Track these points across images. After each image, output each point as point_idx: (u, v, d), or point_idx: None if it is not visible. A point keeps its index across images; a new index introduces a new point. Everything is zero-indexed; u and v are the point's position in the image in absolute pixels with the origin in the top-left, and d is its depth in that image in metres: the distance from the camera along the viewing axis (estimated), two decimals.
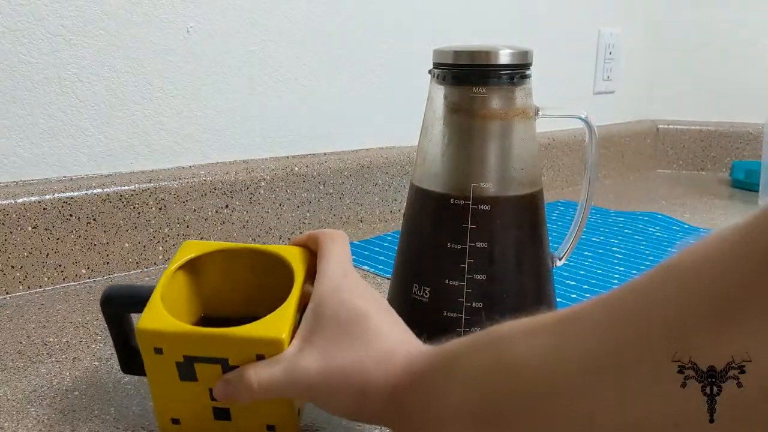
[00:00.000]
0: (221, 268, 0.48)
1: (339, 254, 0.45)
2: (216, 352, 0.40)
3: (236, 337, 0.40)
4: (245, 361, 0.40)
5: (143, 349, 0.41)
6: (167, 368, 0.41)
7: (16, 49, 0.69)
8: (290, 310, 0.42)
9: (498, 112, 0.51)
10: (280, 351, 0.40)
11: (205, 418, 0.43)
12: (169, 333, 0.41)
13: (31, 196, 0.69)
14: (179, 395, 0.42)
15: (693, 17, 1.46)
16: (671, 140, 1.49)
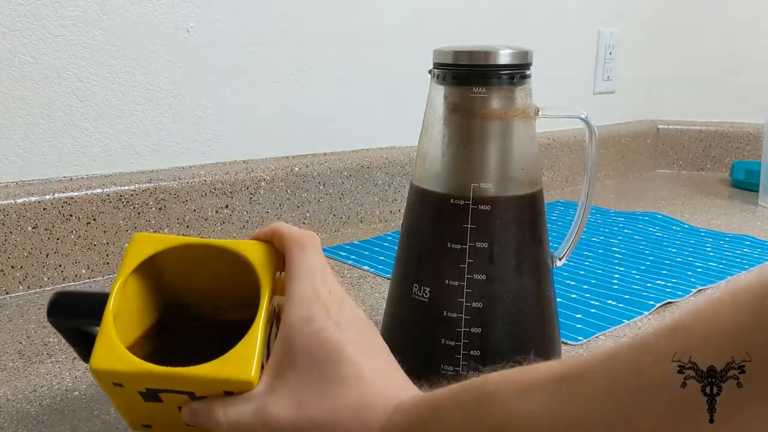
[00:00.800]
0: (180, 262, 0.44)
1: (310, 268, 0.39)
2: (180, 386, 0.38)
3: (201, 378, 0.38)
4: (213, 394, 0.38)
5: (101, 383, 0.39)
6: (130, 396, 0.39)
7: (16, 49, 0.69)
8: (256, 339, 0.38)
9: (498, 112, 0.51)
10: (249, 389, 0.38)
11: (176, 425, 0.41)
12: (126, 373, 0.38)
13: (31, 196, 0.69)
14: (146, 412, 0.41)
15: (693, 17, 1.46)
16: (671, 140, 1.49)
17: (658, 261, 0.84)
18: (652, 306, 0.69)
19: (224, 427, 0.37)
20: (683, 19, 1.46)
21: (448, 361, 0.50)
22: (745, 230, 1.00)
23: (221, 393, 0.38)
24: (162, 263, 0.43)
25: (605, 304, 0.70)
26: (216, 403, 0.38)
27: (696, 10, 1.45)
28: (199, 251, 0.43)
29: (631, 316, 0.67)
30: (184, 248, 0.43)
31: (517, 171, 0.52)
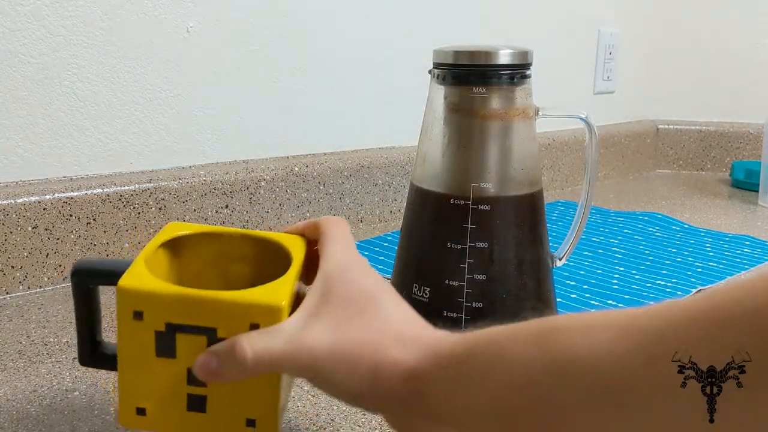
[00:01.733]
0: (207, 252, 0.44)
1: (343, 237, 0.41)
2: (204, 319, 0.36)
3: (229, 302, 0.36)
4: (236, 332, 0.36)
5: (121, 313, 0.37)
6: (144, 339, 0.37)
7: (16, 49, 0.69)
8: (290, 282, 0.38)
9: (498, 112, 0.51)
10: (278, 321, 0.36)
11: (176, 407, 0.38)
12: (154, 293, 0.36)
13: (31, 196, 0.69)
14: (151, 376, 0.38)
15: (693, 17, 1.46)
16: (671, 140, 1.49)
17: (658, 261, 0.84)
18: None
19: (249, 358, 0.34)
20: (683, 19, 1.46)
21: None
22: (745, 230, 1.00)
23: (246, 328, 0.36)
24: (188, 251, 0.44)
25: (605, 304, 0.70)
26: (241, 337, 0.35)
27: (696, 10, 1.45)
28: (226, 241, 0.44)
29: None
30: (209, 237, 0.43)
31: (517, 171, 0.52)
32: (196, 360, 0.36)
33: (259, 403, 0.38)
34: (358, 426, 0.47)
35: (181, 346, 0.37)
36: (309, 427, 0.46)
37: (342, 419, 0.47)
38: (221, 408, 0.38)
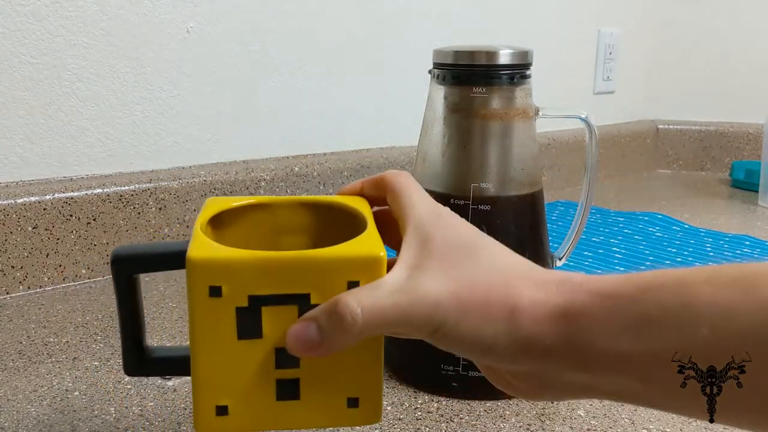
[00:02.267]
0: (257, 226, 0.39)
1: (419, 187, 0.36)
2: (294, 284, 0.31)
3: (322, 259, 0.31)
4: (332, 294, 0.31)
5: (194, 292, 0.32)
6: (223, 321, 0.32)
7: (16, 50, 0.69)
8: (376, 235, 0.34)
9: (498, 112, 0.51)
10: (380, 275, 0.31)
11: (264, 399, 0.33)
12: (234, 261, 0.31)
13: (31, 196, 0.69)
14: (233, 365, 0.33)
15: (693, 17, 1.46)
16: (671, 140, 1.49)
17: (658, 261, 0.84)
18: None
19: (359, 320, 0.29)
20: (683, 19, 1.46)
21: (448, 361, 0.50)
22: (745, 230, 1.00)
23: (344, 287, 0.32)
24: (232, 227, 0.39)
25: None
26: (343, 296, 0.30)
27: (696, 10, 1.45)
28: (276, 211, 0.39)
29: None
30: (257, 207, 0.39)
31: (517, 171, 0.52)
32: (288, 332, 0.31)
33: (361, 378, 0.34)
34: (358, 426, 0.47)
35: (268, 323, 0.32)
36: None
37: None
38: (318, 390, 0.33)
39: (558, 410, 0.49)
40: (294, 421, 0.34)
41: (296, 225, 0.39)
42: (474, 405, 0.50)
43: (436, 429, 0.47)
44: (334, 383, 0.33)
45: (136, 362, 0.37)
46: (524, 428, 0.47)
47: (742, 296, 0.26)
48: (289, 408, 0.33)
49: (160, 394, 0.50)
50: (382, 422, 0.47)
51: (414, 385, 0.52)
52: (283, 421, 0.34)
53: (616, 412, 0.49)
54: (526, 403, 0.50)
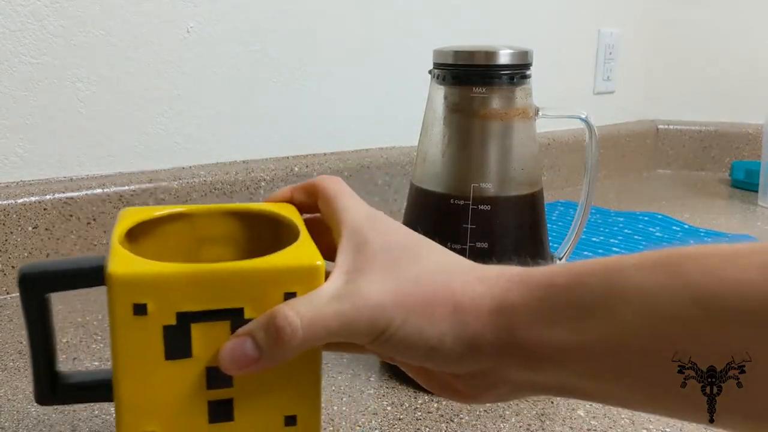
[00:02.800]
0: (177, 237, 0.37)
1: (353, 193, 0.35)
2: (226, 299, 0.30)
3: (256, 271, 0.30)
4: (266, 307, 0.29)
5: (117, 311, 0.29)
6: (149, 341, 0.30)
7: (16, 50, 0.69)
8: (311, 242, 0.32)
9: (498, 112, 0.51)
10: (317, 285, 0.30)
11: (195, 424, 0.31)
12: (159, 276, 0.29)
13: (31, 196, 0.69)
14: (160, 388, 0.30)
15: (693, 17, 1.46)
16: (671, 140, 1.49)
17: None
18: None
19: (298, 332, 0.28)
20: (683, 19, 1.46)
21: None
22: (745, 230, 1.00)
23: (280, 299, 0.30)
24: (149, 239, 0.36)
25: None
26: (280, 307, 0.29)
27: (696, 10, 1.45)
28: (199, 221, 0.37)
29: None
30: (176, 218, 0.36)
31: (517, 171, 0.52)
32: (222, 350, 0.29)
33: (298, 394, 0.32)
34: (358, 426, 0.47)
35: (199, 341, 0.30)
36: None
37: (342, 419, 0.47)
38: (253, 410, 0.32)
39: (558, 410, 0.49)
40: None
41: (219, 235, 0.37)
42: (474, 405, 0.50)
43: (436, 429, 0.47)
44: (269, 401, 0.32)
45: (49, 390, 0.34)
46: (524, 428, 0.47)
47: (669, 280, 0.26)
48: (223, 431, 0.31)
49: None
50: (382, 422, 0.47)
51: (414, 385, 0.52)
52: None
53: (616, 412, 0.49)
54: (526, 403, 0.50)
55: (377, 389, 0.52)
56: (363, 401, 0.50)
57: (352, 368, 0.55)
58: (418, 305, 0.29)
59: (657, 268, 0.27)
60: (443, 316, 0.29)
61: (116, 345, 0.30)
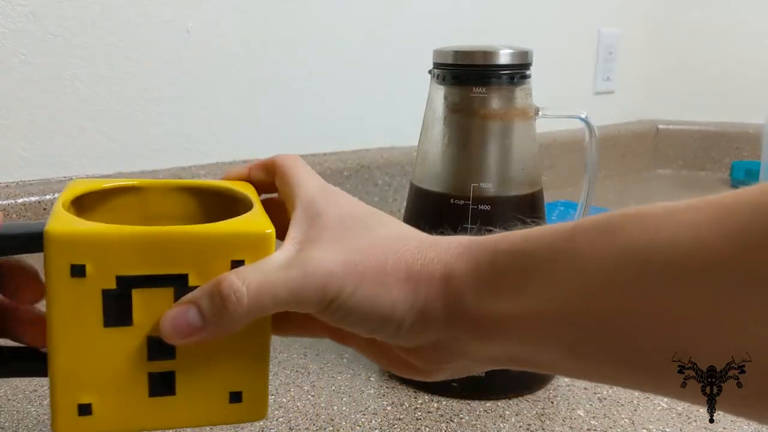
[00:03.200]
0: (125, 212, 0.35)
1: (310, 168, 0.36)
2: (170, 263, 0.28)
3: (204, 236, 0.28)
4: (212, 275, 0.28)
5: (53, 272, 0.28)
6: (87, 305, 0.28)
7: (16, 49, 0.69)
8: (263, 212, 0.31)
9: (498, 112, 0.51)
10: (267, 254, 0.29)
11: (134, 395, 0.29)
12: (100, 236, 0.28)
13: (31, 196, 0.69)
14: (97, 357, 0.29)
15: (693, 17, 1.46)
16: (671, 140, 1.49)
17: None
18: None
19: (245, 300, 0.27)
20: (683, 19, 1.46)
21: None
22: None
23: (228, 267, 0.29)
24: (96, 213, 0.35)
25: None
26: (227, 274, 0.28)
27: (696, 10, 1.45)
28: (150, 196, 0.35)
29: None
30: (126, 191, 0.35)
31: (517, 171, 0.52)
32: (164, 318, 0.28)
33: (244, 369, 0.31)
34: (358, 426, 0.47)
35: (140, 308, 0.28)
36: (309, 427, 0.46)
37: (342, 419, 0.47)
38: (196, 384, 0.30)
39: (558, 410, 0.49)
40: (169, 419, 0.30)
41: (171, 211, 0.35)
42: (474, 405, 0.50)
43: (436, 429, 0.47)
44: (214, 375, 0.30)
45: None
46: (524, 428, 0.47)
47: (608, 242, 0.25)
48: (164, 405, 0.30)
49: None
50: (382, 422, 0.47)
51: (414, 385, 0.52)
52: (156, 419, 0.30)
53: (616, 412, 0.49)
54: (526, 403, 0.50)
55: (377, 389, 0.52)
56: (363, 401, 0.50)
57: (352, 368, 0.55)
58: (370, 273, 0.28)
59: (599, 230, 0.26)
60: (395, 283, 0.28)
61: (52, 309, 0.28)
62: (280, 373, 0.54)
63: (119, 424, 0.30)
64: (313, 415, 0.48)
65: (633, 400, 0.51)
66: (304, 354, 0.57)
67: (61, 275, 0.27)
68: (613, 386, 0.53)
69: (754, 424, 0.45)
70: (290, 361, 0.56)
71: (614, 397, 0.51)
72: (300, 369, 0.55)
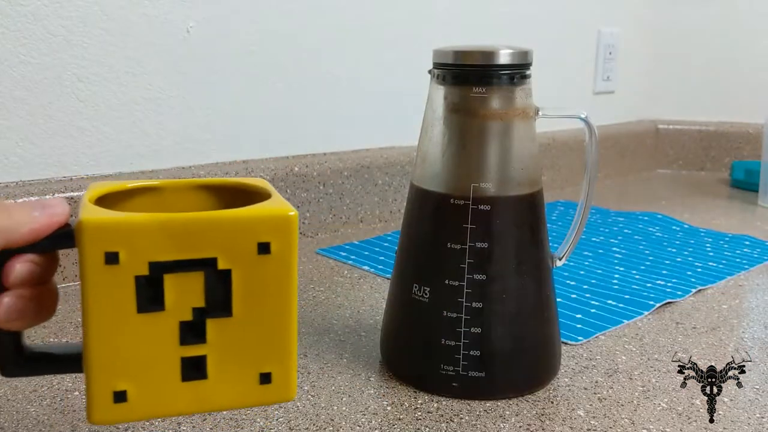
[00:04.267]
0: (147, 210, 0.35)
1: None
2: (200, 248, 0.29)
3: (232, 219, 0.29)
4: (241, 258, 0.30)
5: (88, 261, 0.29)
6: (120, 292, 0.29)
7: (16, 49, 0.69)
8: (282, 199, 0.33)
9: (498, 112, 0.51)
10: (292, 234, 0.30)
11: (167, 382, 0.30)
12: (132, 223, 0.29)
13: (31, 196, 0.69)
14: (132, 344, 0.30)
15: (693, 17, 1.46)
16: (671, 140, 1.49)
17: (658, 261, 0.84)
18: (652, 306, 0.69)
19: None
20: (683, 19, 1.46)
21: (448, 361, 0.50)
22: (745, 230, 1.00)
23: (254, 250, 0.30)
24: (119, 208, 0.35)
25: (605, 304, 0.70)
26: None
27: (696, 10, 1.45)
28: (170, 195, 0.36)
29: (631, 316, 0.67)
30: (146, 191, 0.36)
31: (517, 171, 0.52)
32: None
33: (273, 349, 0.31)
34: (358, 426, 0.47)
35: (172, 293, 0.29)
36: (309, 427, 0.46)
37: (342, 419, 0.47)
38: (227, 367, 0.31)
39: (558, 410, 0.49)
40: (202, 403, 0.31)
41: (191, 209, 0.36)
42: (474, 405, 0.50)
43: (436, 429, 0.47)
44: (244, 357, 0.31)
45: (14, 360, 0.32)
46: (524, 428, 0.47)
47: None
48: (196, 389, 0.31)
49: None
50: (382, 422, 0.47)
51: (414, 385, 0.52)
52: (189, 404, 0.31)
53: (616, 412, 0.49)
54: (526, 403, 0.50)
55: (377, 389, 0.52)
56: (363, 401, 0.50)
57: (352, 368, 0.55)
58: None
59: None
60: None
61: (87, 297, 0.29)
62: None
63: (153, 409, 0.31)
64: (313, 415, 0.48)
65: (633, 400, 0.51)
66: (304, 354, 0.57)
67: (96, 264, 0.28)
68: (613, 386, 0.53)
69: (754, 424, 0.45)
70: None
71: (614, 397, 0.51)
72: (300, 369, 0.55)
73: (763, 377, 0.54)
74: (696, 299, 0.72)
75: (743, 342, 0.62)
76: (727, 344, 0.61)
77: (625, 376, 0.55)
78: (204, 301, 0.30)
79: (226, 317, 0.31)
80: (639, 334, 0.63)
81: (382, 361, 0.56)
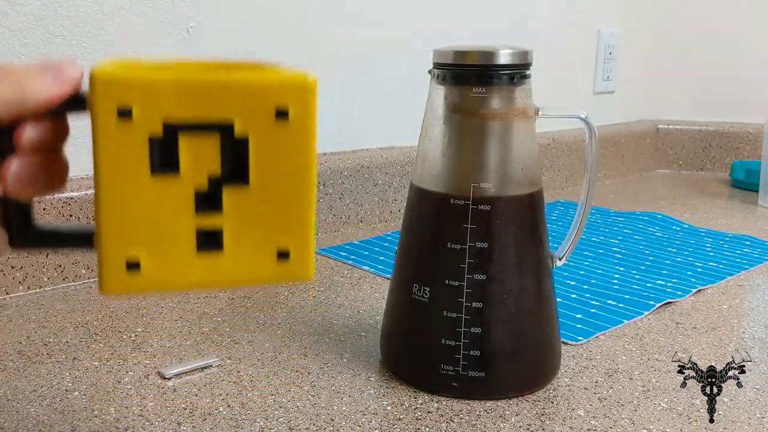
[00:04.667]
0: None
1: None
2: (216, 109, 0.28)
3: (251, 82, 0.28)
4: (258, 123, 0.29)
5: (99, 116, 0.28)
6: (133, 151, 0.28)
7: (16, 49, 0.69)
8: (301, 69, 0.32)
9: (498, 112, 0.51)
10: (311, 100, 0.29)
11: (181, 251, 0.29)
12: (147, 79, 0.27)
13: None
14: (145, 209, 0.29)
15: (693, 17, 1.46)
16: (671, 140, 1.49)
17: (658, 261, 0.84)
18: (652, 306, 0.69)
19: None
20: (683, 19, 1.46)
21: (448, 361, 0.50)
22: (745, 230, 1.00)
23: (272, 115, 0.29)
24: None
25: (605, 304, 0.70)
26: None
27: (696, 10, 1.45)
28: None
29: (631, 316, 0.67)
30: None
31: (517, 171, 0.52)
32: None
33: (291, 225, 0.30)
34: (358, 426, 0.47)
35: (186, 156, 0.28)
36: (309, 427, 0.46)
37: (342, 419, 0.47)
38: (244, 239, 0.30)
39: (558, 410, 0.49)
40: (217, 277, 0.30)
41: None
42: (474, 405, 0.50)
43: (436, 429, 0.47)
44: (262, 231, 0.30)
45: (22, 231, 0.31)
46: (524, 428, 0.47)
47: None
48: (211, 261, 0.29)
49: (160, 394, 0.50)
50: (382, 422, 0.47)
51: (414, 385, 0.52)
52: (204, 277, 0.30)
53: (616, 412, 0.49)
54: (526, 403, 0.50)
55: (377, 389, 0.52)
56: (363, 401, 0.50)
57: (352, 368, 0.55)
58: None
59: None
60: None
61: (99, 156, 0.28)
62: (280, 373, 0.54)
63: (167, 281, 0.30)
64: (313, 415, 0.48)
65: (633, 400, 0.51)
66: (304, 354, 0.57)
67: (108, 118, 0.27)
68: (613, 386, 0.53)
69: (754, 424, 0.44)
70: (290, 361, 0.56)
71: (614, 397, 0.51)
72: (300, 369, 0.55)
73: (763, 377, 0.54)
74: (696, 299, 0.72)
75: (743, 342, 0.62)
76: (727, 344, 0.61)
77: (625, 376, 0.55)
78: (220, 169, 0.29)
79: (242, 185, 0.29)
80: (639, 334, 0.63)
81: (382, 361, 0.56)
